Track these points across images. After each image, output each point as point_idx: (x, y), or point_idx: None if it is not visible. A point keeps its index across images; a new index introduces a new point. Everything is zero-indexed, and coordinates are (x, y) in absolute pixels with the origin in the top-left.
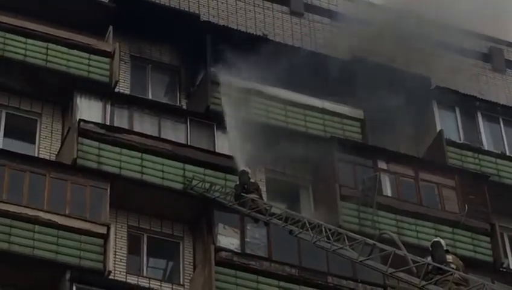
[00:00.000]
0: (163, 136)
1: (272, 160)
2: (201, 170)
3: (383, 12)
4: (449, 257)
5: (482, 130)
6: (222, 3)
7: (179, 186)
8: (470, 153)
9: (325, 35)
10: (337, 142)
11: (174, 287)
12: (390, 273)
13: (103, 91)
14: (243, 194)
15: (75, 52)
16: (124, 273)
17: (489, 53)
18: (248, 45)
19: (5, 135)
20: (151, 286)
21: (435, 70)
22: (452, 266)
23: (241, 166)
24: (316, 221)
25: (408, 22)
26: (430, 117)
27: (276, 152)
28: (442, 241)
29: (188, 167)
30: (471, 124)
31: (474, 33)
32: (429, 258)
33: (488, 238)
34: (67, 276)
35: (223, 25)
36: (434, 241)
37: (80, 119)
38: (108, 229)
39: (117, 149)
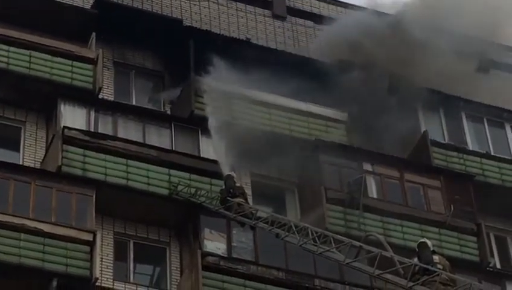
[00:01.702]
0: (147, 142)
1: (257, 164)
2: (186, 175)
3: (366, 14)
4: (436, 258)
5: (466, 130)
6: (204, 7)
7: (165, 191)
8: (454, 154)
9: (308, 38)
10: (322, 145)
11: None
12: (377, 275)
13: (87, 98)
14: (228, 198)
15: (58, 59)
16: (111, 280)
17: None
18: (231, 49)
19: None
20: None
21: (418, 72)
22: (439, 266)
23: (226, 171)
24: (302, 224)
25: (390, 23)
26: (414, 118)
27: (261, 156)
28: (429, 242)
29: (173, 172)
30: (455, 125)
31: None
32: (416, 259)
33: (474, 238)
34: (54, 284)
35: (206, 30)
36: (420, 242)
37: (64, 126)
38: (95, 236)
39: (102, 156)
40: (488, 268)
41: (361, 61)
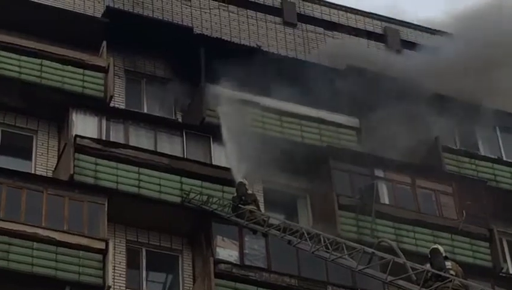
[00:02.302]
0: (159, 149)
1: (269, 171)
2: (198, 182)
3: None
4: (448, 264)
5: (478, 135)
6: (215, 15)
7: (177, 199)
8: (466, 159)
9: (319, 44)
10: (334, 152)
11: None
12: (390, 281)
13: (98, 106)
14: (240, 205)
15: (69, 68)
16: (124, 288)
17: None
18: (242, 56)
19: (1, 153)
20: None
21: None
22: (451, 272)
23: (239, 178)
24: (314, 231)
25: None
26: (426, 124)
27: (273, 163)
28: (441, 248)
29: (185, 180)
30: (467, 130)
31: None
32: (428, 265)
33: (487, 244)
34: None
35: (217, 37)
36: (433, 248)
37: (75, 135)
38: (107, 244)
39: (113, 164)
40: (500, 273)
41: (371, 67)
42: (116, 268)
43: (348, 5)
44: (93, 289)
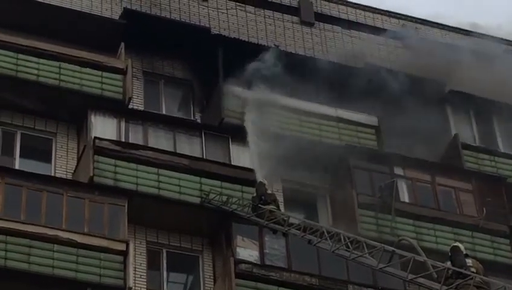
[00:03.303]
0: (178, 150)
1: (289, 170)
2: (218, 183)
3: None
4: (469, 261)
5: (497, 132)
6: (232, 15)
7: (196, 200)
8: (486, 156)
9: (337, 43)
10: (353, 150)
11: None
12: (411, 280)
13: (117, 108)
14: (260, 205)
15: (88, 70)
16: (145, 289)
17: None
18: (260, 56)
19: (21, 156)
20: None
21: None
22: (472, 269)
23: (259, 178)
24: (334, 229)
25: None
26: (445, 121)
27: (293, 162)
28: (461, 246)
29: (205, 180)
30: (486, 127)
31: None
32: (449, 263)
33: (507, 241)
34: None
35: (234, 38)
36: (453, 246)
37: (95, 137)
38: (128, 245)
39: (133, 165)
40: None
41: (390, 65)
42: (136, 269)
43: (366, 4)
44: None
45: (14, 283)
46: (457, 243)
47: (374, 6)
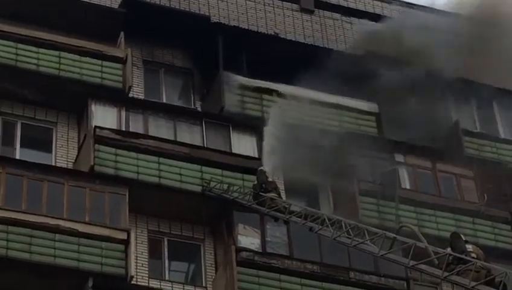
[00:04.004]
0: (179, 139)
1: (289, 158)
2: (218, 171)
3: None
4: (469, 247)
5: (498, 118)
6: (232, 3)
7: (197, 188)
8: (487, 142)
9: (336, 31)
10: (353, 137)
11: (196, 289)
12: (412, 266)
13: (117, 97)
14: (261, 193)
15: (88, 59)
16: (146, 278)
17: None
18: (260, 44)
19: (22, 145)
20: (174, 289)
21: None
22: (473, 255)
23: (266, 167)
24: (335, 217)
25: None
26: (445, 108)
27: (293, 150)
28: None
29: (206, 169)
30: (487, 113)
31: None
32: (449, 249)
33: (508, 227)
34: (90, 283)
35: (234, 26)
36: (453, 232)
37: (95, 126)
38: (129, 234)
39: (134, 154)
40: None
41: (389, 52)
42: (138, 258)
43: None
44: (115, 279)
45: (16, 273)
46: (456, 231)
47: None
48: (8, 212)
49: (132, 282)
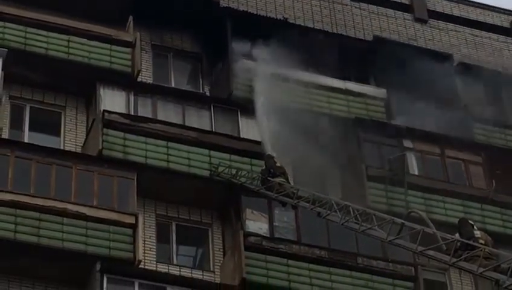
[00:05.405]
0: (187, 123)
1: (298, 143)
2: (227, 156)
3: None
4: (477, 233)
5: (507, 105)
6: None
7: (206, 173)
8: (496, 128)
9: (345, 16)
10: (362, 123)
11: (204, 274)
12: (420, 252)
13: (126, 81)
14: (269, 178)
15: (96, 43)
16: (154, 262)
17: (511, 27)
18: (269, 29)
19: (30, 129)
20: (182, 273)
21: (456, 47)
22: (481, 241)
23: (269, 151)
24: (343, 202)
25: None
26: (454, 93)
27: (301, 135)
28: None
29: (214, 153)
30: (496, 99)
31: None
32: (457, 235)
33: None
34: (98, 267)
35: (243, 10)
36: (461, 218)
37: (104, 110)
38: (137, 218)
39: (142, 138)
40: None
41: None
42: (146, 242)
43: None
44: (123, 263)
45: (24, 256)
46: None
47: None
48: (16, 196)
49: (140, 266)
